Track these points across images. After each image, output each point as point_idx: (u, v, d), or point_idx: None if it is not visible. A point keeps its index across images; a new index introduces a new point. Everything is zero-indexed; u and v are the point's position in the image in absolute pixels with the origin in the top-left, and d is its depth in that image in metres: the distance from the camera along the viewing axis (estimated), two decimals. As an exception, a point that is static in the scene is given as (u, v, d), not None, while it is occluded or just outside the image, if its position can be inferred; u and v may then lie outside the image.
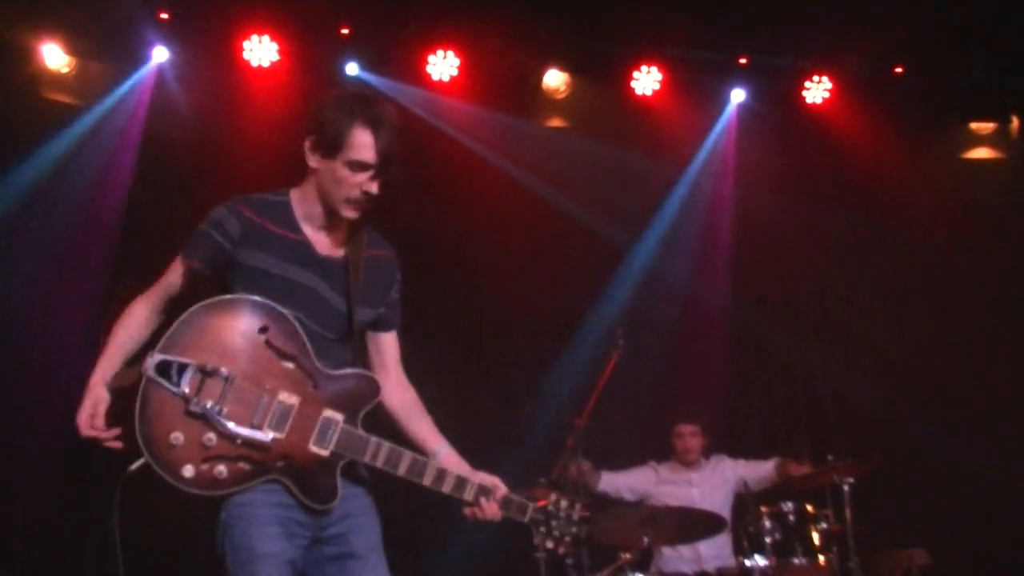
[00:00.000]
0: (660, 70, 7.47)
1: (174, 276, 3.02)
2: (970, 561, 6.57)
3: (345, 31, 6.98)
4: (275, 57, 6.88)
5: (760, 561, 5.34)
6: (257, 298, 2.87)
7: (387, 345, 3.21)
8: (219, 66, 6.88)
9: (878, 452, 5.66)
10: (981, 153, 8.15)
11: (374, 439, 2.90)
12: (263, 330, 2.84)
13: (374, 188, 2.94)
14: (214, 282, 2.99)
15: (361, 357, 3.09)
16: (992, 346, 7.46)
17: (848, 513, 5.49)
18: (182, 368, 2.74)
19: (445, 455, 3.08)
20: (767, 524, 5.50)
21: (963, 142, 8.15)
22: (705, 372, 7.55)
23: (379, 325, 3.17)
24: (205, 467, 2.73)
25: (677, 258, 7.70)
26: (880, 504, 6.30)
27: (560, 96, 7.49)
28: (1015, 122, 8.10)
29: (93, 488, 5.97)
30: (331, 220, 3.03)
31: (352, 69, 7.05)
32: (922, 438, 7.25)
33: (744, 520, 5.68)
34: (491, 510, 3.02)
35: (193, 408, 2.73)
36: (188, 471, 2.72)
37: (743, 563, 5.40)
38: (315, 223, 3.03)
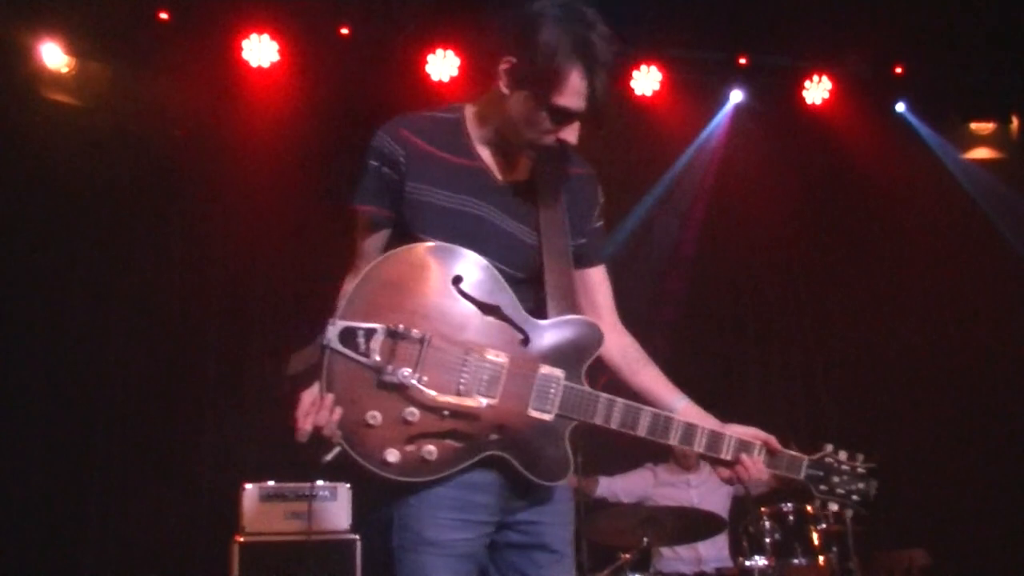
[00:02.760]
0: (660, 70, 7.47)
1: (362, 237, 2.58)
2: (970, 561, 6.56)
3: (345, 31, 6.98)
4: (275, 57, 6.89)
5: (760, 561, 5.34)
6: (444, 243, 2.42)
7: (595, 282, 2.72)
8: (219, 66, 6.88)
9: (878, 452, 5.65)
10: (981, 153, 8.16)
11: (604, 396, 2.46)
12: (456, 280, 2.41)
13: (573, 139, 2.47)
14: (398, 228, 2.54)
15: (571, 296, 2.57)
16: (992, 346, 7.46)
17: (848, 513, 5.47)
18: (369, 334, 2.33)
19: (684, 409, 2.62)
20: (767, 524, 5.51)
21: (963, 142, 8.16)
22: (704, 371, 7.55)
23: (582, 259, 2.67)
24: (411, 448, 2.32)
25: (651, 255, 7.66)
26: (880, 504, 6.29)
27: (560, 96, 7.47)
28: (1015, 122, 8.12)
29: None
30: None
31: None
32: (922, 438, 7.26)
33: (744, 520, 5.68)
34: (756, 469, 2.58)
35: (388, 379, 2.32)
36: (392, 455, 2.31)
37: (743, 563, 5.39)
38: (494, 145, 2.57)
